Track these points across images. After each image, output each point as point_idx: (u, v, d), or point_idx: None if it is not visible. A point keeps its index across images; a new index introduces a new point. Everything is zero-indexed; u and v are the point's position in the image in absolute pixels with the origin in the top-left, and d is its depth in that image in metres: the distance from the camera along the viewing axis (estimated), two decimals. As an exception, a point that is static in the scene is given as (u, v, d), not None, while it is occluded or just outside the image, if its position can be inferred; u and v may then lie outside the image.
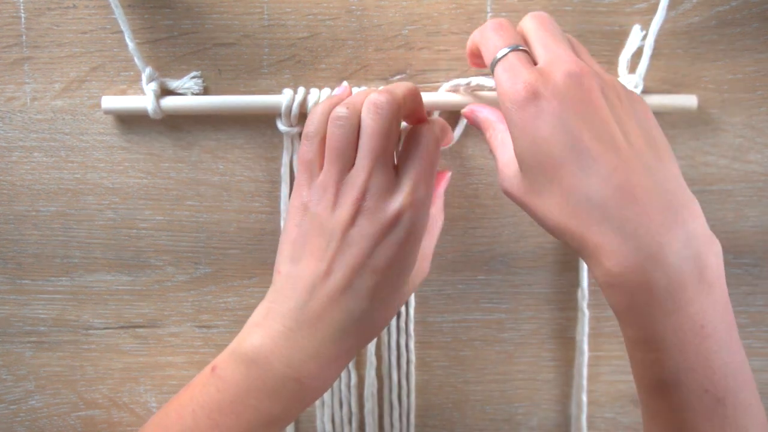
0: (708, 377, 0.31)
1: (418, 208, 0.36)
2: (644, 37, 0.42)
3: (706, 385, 0.31)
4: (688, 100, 0.43)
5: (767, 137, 0.45)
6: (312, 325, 0.35)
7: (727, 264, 0.46)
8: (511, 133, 0.33)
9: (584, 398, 0.47)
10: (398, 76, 0.44)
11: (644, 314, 0.31)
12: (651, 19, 0.42)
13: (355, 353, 0.37)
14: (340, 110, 0.36)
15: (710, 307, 0.30)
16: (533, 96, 0.32)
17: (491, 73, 0.35)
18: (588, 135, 0.31)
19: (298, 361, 0.35)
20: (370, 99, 0.36)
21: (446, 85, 0.43)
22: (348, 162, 0.36)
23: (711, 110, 0.44)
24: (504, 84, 0.33)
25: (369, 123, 0.36)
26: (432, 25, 0.43)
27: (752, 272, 0.47)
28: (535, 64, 0.34)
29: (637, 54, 0.43)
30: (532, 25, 0.35)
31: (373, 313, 0.36)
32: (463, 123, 0.44)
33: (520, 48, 0.34)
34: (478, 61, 0.38)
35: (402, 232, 0.36)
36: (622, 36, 0.43)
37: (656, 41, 0.42)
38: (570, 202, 0.31)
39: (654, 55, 0.43)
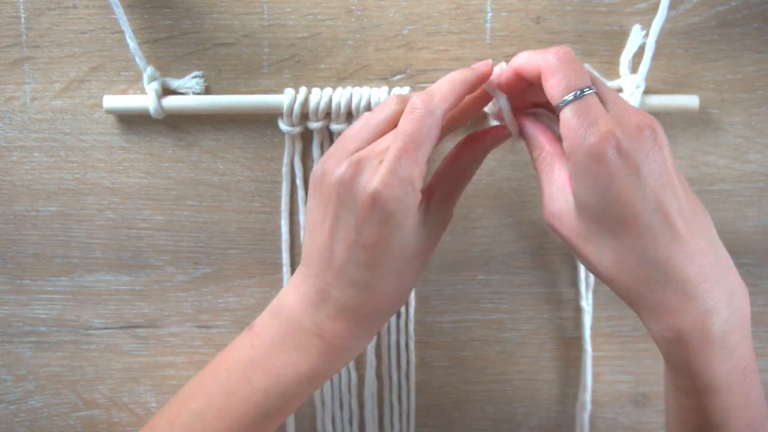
0: (749, 412, 0.34)
1: (395, 187, 0.34)
2: (645, 37, 0.42)
3: (748, 419, 0.34)
4: (690, 101, 0.43)
5: (767, 137, 0.45)
6: (328, 292, 0.36)
7: (727, 264, 0.46)
8: (577, 178, 0.33)
9: (588, 398, 0.47)
10: (398, 76, 0.44)
11: (702, 364, 0.33)
12: (651, 19, 0.42)
13: (383, 319, 0.38)
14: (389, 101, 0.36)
15: (748, 348, 0.33)
16: (613, 150, 0.32)
17: (555, 110, 0.34)
18: (663, 205, 0.32)
19: (321, 320, 0.37)
20: (411, 100, 0.36)
21: None
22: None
23: (711, 110, 0.44)
24: (577, 130, 0.32)
25: (400, 123, 0.35)
26: (432, 25, 0.43)
27: (752, 272, 0.47)
28: None
29: (638, 54, 0.43)
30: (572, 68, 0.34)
31: (383, 286, 0.36)
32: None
33: (594, 91, 0.33)
34: (520, 84, 0.37)
35: (382, 212, 0.35)
36: (622, 36, 0.43)
37: (656, 41, 0.42)
38: (633, 260, 0.32)
39: (654, 55, 0.43)
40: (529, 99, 0.38)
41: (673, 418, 0.36)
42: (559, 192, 0.35)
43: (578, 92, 0.33)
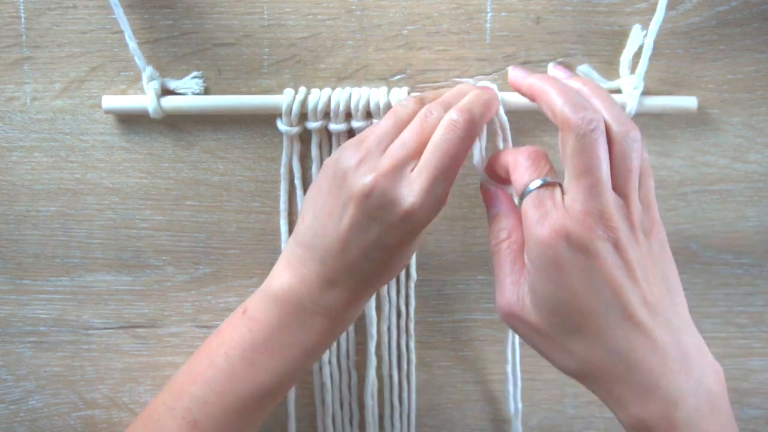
0: None
1: (430, 206, 0.35)
2: (645, 37, 0.42)
3: None
4: (689, 102, 0.43)
5: (767, 137, 0.45)
6: (334, 279, 0.37)
7: (727, 264, 0.46)
8: (531, 270, 0.33)
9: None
10: (398, 76, 0.44)
11: None
12: (651, 19, 0.42)
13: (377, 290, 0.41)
14: (434, 109, 0.37)
15: (720, 426, 0.32)
16: (564, 242, 0.32)
17: (518, 203, 0.34)
18: (620, 296, 0.32)
19: (327, 302, 0.37)
20: (450, 116, 0.36)
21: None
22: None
23: (711, 110, 0.44)
24: (532, 221, 0.33)
25: (436, 137, 0.36)
26: (432, 25, 0.43)
27: (752, 272, 0.47)
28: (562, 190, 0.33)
29: (638, 54, 0.43)
30: (572, 142, 0.33)
31: (392, 272, 0.39)
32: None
33: (552, 182, 0.33)
34: (498, 179, 0.38)
35: (412, 226, 0.36)
36: (622, 36, 0.43)
37: (656, 41, 0.42)
38: (596, 354, 0.33)
39: (654, 55, 0.43)
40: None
41: None
42: (514, 282, 0.35)
43: (538, 184, 0.33)
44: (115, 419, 0.48)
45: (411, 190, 0.35)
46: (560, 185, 0.34)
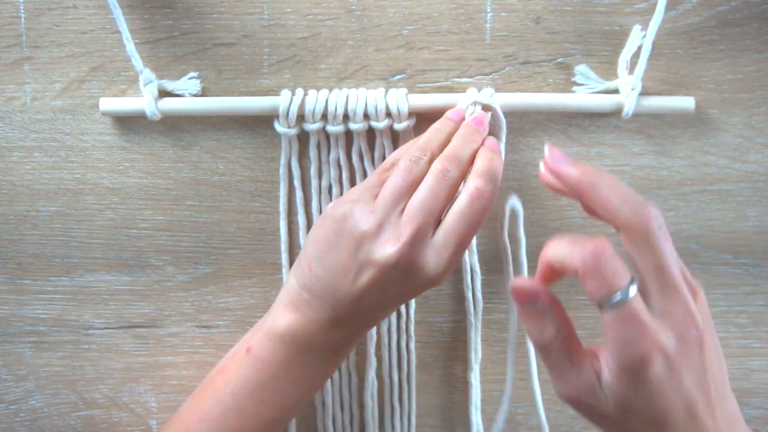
0: None
1: (451, 271, 0.37)
2: (644, 37, 0.42)
3: None
4: (686, 102, 0.43)
5: (767, 137, 0.45)
6: (343, 321, 0.37)
7: (727, 264, 0.46)
8: (621, 376, 0.32)
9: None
10: (398, 76, 0.44)
11: None
12: (651, 20, 0.42)
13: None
14: (449, 166, 0.37)
15: None
16: (660, 359, 0.31)
17: (599, 309, 0.32)
18: (691, 401, 0.32)
19: (334, 340, 0.38)
20: (476, 183, 0.37)
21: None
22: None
23: (711, 110, 0.44)
24: (624, 337, 0.31)
25: (463, 205, 0.36)
26: (432, 25, 0.43)
27: (752, 272, 0.47)
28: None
29: (637, 55, 0.43)
30: (642, 241, 0.32)
31: (396, 306, 0.41)
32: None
33: (635, 294, 0.31)
34: (553, 277, 0.36)
35: (429, 287, 0.38)
36: (622, 36, 0.43)
37: (656, 42, 0.42)
38: None
39: (654, 56, 0.43)
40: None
41: None
42: (576, 376, 0.33)
43: (620, 296, 0.31)
44: (115, 419, 0.48)
45: (437, 259, 0.36)
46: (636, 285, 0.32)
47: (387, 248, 0.35)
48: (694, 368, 0.32)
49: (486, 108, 0.42)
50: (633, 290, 0.31)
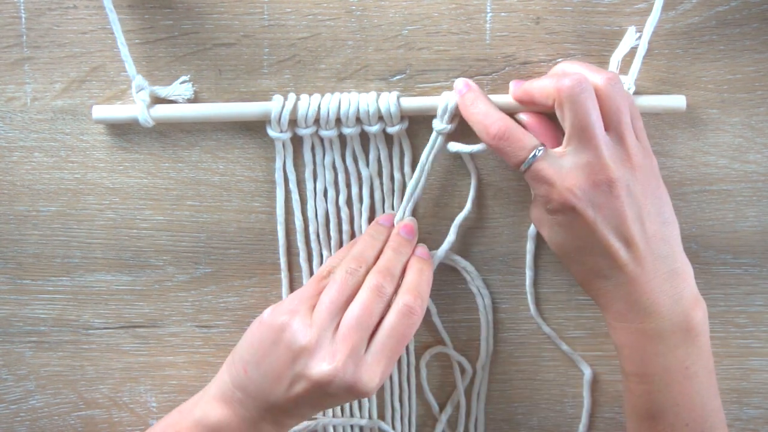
0: (689, 413, 0.38)
1: (381, 384, 0.39)
2: (638, 39, 0.42)
3: (687, 419, 0.38)
4: (678, 101, 0.43)
5: (767, 137, 0.45)
6: (277, 420, 0.40)
7: (727, 264, 0.46)
8: (545, 227, 0.40)
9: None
10: (398, 77, 0.44)
11: (639, 353, 0.39)
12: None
13: None
14: (383, 282, 0.40)
15: (694, 352, 0.38)
16: (568, 208, 0.38)
17: (520, 171, 0.39)
18: (611, 239, 0.38)
19: (267, 429, 0.40)
20: (405, 300, 0.39)
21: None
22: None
23: (710, 110, 0.44)
24: (537, 192, 0.39)
25: (394, 321, 0.39)
26: (432, 25, 0.43)
27: (752, 272, 0.47)
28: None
29: (630, 55, 0.43)
30: (567, 105, 0.38)
31: (328, 408, 0.44)
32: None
33: (542, 152, 0.38)
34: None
35: (357, 399, 0.42)
36: (621, 36, 0.43)
37: (656, 42, 0.42)
38: (589, 275, 0.40)
39: (654, 55, 0.43)
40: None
41: (625, 400, 0.41)
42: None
43: (526, 163, 0.39)
44: (115, 419, 0.48)
45: (370, 375, 0.38)
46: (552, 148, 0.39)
47: (323, 366, 0.37)
48: (608, 214, 0.37)
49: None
50: (538, 154, 0.38)
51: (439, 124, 0.42)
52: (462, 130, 0.42)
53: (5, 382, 0.48)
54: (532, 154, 0.38)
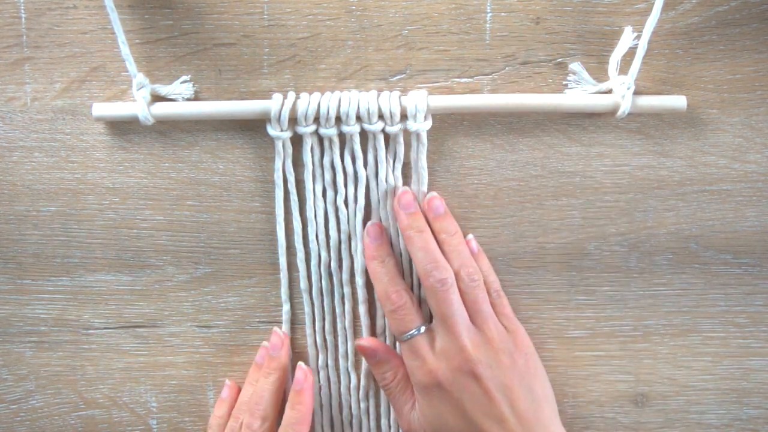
0: None
1: None
2: (636, 39, 0.42)
3: None
4: (678, 101, 0.43)
5: (766, 137, 0.45)
6: None
7: (727, 264, 0.46)
8: (420, 401, 0.43)
9: None
10: (398, 77, 0.44)
11: None
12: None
13: None
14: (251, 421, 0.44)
15: None
16: (436, 386, 0.41)
17: (400, 340, 0.43)
18: (482, 419, 0.40)
19: None
20: (297, 410, 0.44)
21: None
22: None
23: (710, 110, 0.44)
24: (411, 367, 0.42)
25: (293, 412, 0.44)
26: (432, 25, 0.43)
27: (752, 272, 0.47)
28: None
29: (629, 55, 0.43)
30: (432, 297, 0.42)
31: None
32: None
33: (422, 332, 0.42)
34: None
35: None
36: (621, 36, 0.43)
37: (656, 42, 0.42)
38: None
39: (654, 56, 0.43)
40: None
41: None
42: (409, 411, 0.43)
43: (408, 335, 0.42)
44: (116, 419, 0.48)
45: None
46: (431, 329, 0.42)
47: None
48: (475, 395, 0.40)
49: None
50: (420, 331, 0.42)
51: (414, 124, 0.43)
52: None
53: (5, 382, 0.48)
54: (417, 329, 0.42)
